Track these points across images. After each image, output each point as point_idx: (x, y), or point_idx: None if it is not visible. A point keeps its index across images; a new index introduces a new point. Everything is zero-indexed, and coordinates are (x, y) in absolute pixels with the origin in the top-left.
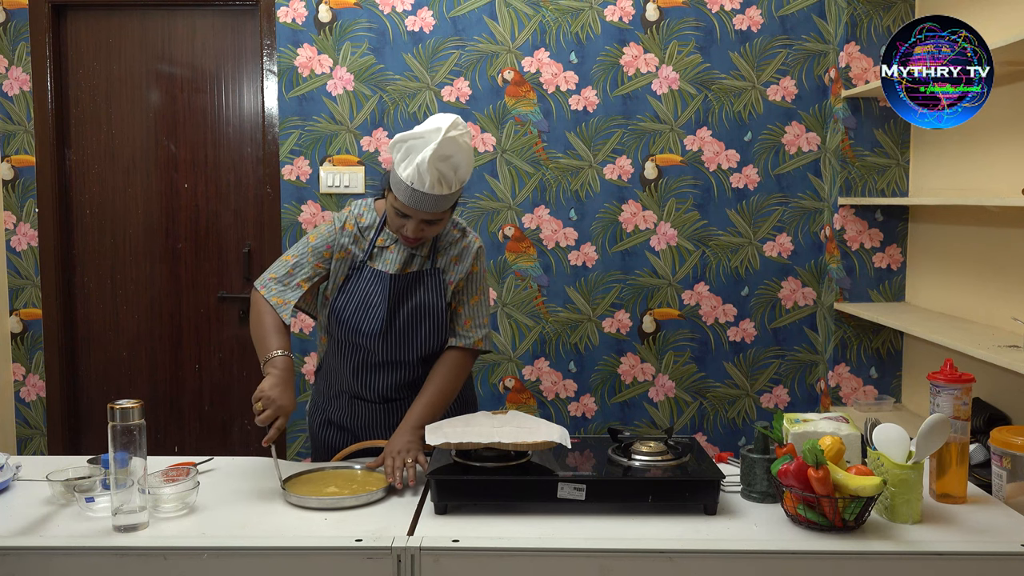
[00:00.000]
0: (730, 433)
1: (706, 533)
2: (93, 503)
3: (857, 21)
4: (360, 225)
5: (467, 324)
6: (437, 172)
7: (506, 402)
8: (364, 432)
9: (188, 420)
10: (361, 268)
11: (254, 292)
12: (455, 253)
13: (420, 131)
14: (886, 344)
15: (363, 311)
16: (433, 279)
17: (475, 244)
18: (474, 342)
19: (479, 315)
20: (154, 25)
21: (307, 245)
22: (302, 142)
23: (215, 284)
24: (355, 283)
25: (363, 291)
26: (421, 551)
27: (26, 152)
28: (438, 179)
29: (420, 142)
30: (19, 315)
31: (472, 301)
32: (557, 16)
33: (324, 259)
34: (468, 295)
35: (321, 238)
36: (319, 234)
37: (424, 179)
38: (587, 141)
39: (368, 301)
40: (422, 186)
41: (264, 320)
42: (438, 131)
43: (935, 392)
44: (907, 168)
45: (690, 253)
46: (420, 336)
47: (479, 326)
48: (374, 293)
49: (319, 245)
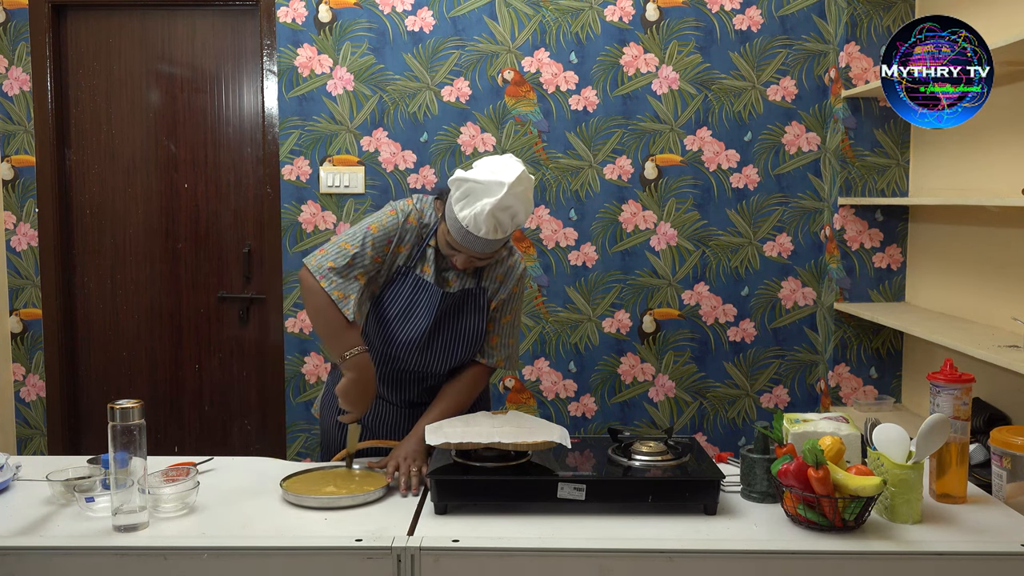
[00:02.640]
0: (730, 433)
1: (706, 533)
2: (93, 503)
3: (857, 21)
4: (422, 221)
5: (494, 342)
6: (495, 221)
7: (506, 402)
8: (384, 431)
9: (188, 420)
10: (407, 274)
11: (307, 275)
12: (501, 271)
13: (483, 178)
14: (886, 344)
15: (404, 321)
16: (478, 299)
17: (520, 266)
18: (496, 361)
19: (507, 335)
20: (154, 25)
21: (368, 236)
22: (302, 142)
23: (215, 284)
24: (400, 288)
25: (408, 300)
26: (421, 551)
27: (26, 152)
28: (494, 227)
29: (481, 188)
30: (19, 315)
31: (504, 320)
32: (557, 16)
33: (384, 253)
34: (502, 314)
35: (384, 230)
36: (381, 225)
37: (481, 227)
38: (587, 141)
39: (412, 312)
40: (477, 232)
41: (329, 316)
42: (502, 185)
43: (935, 392)
44: (907, 168)
45: (690, 253)
46: (457, 352)
47: (504, 346)
48: (420, 305)
49: (380, 237)
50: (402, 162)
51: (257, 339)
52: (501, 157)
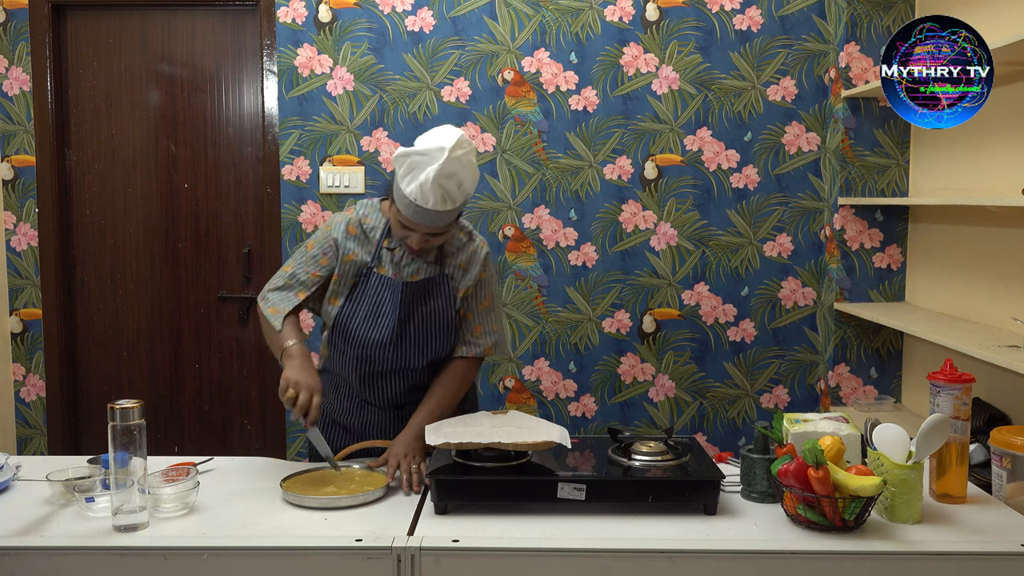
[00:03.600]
0: (730, 433)
1: (706, 533)
2: (93, 503)
3: (857, 21)
4: (365, 227)
5: (477, 331)
6: (441, 190)
7: (506, 402)
8: (373, 435)
9: (188, 420)
10: (368, 275)
11: (257, 306)
12: (463, 259)
13: (424, 148)
14: (886, 344)
15: (372, 321)
16: (442, 286)
17: (483, 250)
18: (484, 349)
19: (488, 321)
20: (154, 25)
21: (304, 255)
22: (302, 142)
23: (215, 284)
24: (363, 291)
25: (372, 299)
26: (421, 551)
27: (26, 152)
28: (442, 197)
29: (424, 159)
30: (19, 315)
31: (481, 307)
32: (557, 16)
33: (321, 267)
34: (477, 301)
35: (319, 246)
36: (317, 241)
37: (428, 197)
38: (587, 141)
39: (378, 311)
40: (426, 203)
41: (268, 329)
42: (442, 150)
43: (935, 392)
44: (907, 168)
45: (690, 253)
46: (431, 344)
47: (489, 332)
48: (384, 301)
49: (316, 253)
50: None
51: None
52: (439, 127)
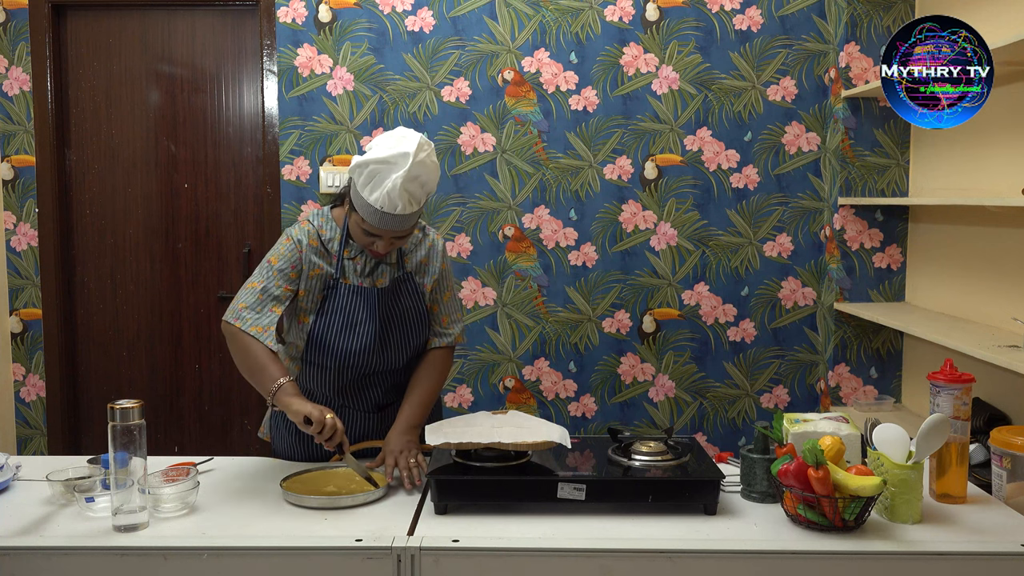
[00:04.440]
0: (730, 433)
1: (706, 533)
2: (93, 503)
3: (857, 21)
4: (323, 238)
5: (444, 321)
6: (407, 195)
7: (506, 402)
8: (358, 438)
9: (188, 420)
10: (336, 287)
11: (227, 327)
12: (422, 254)
13: (384, 155)
14: (886, 344)
15: (349, 331)
16: (409, 285)
17: (439, 242)
18: (454, 338)
19: (453, 311)
20: (154, 25)
21: (270, 268)
22: (302, 142)
23: (215, 284)
24: (334, 302)
25: (345, 309)
26: (421, 551)
27: (26, 152)
28: (409, 200)
29: (386, 167)
30: (19, 315)
31: (445, 298)
32: (557, 16)
33: (291, 280)
34: (441, 293)
35: (284, 259)
36: (280, 255)
37: (396, 203)
38: (587, 141)
39: (353, 320)
40: (393, 209)
41: (253, 351)
42: (406, 156)
43: (935, 392)
44: (907, 168)
45: (690, 253)
46: (411, 342)
47: (455, 321)
48: (359, 310)
49: (284, 267)
50: None
51: None
52: (394, 131)
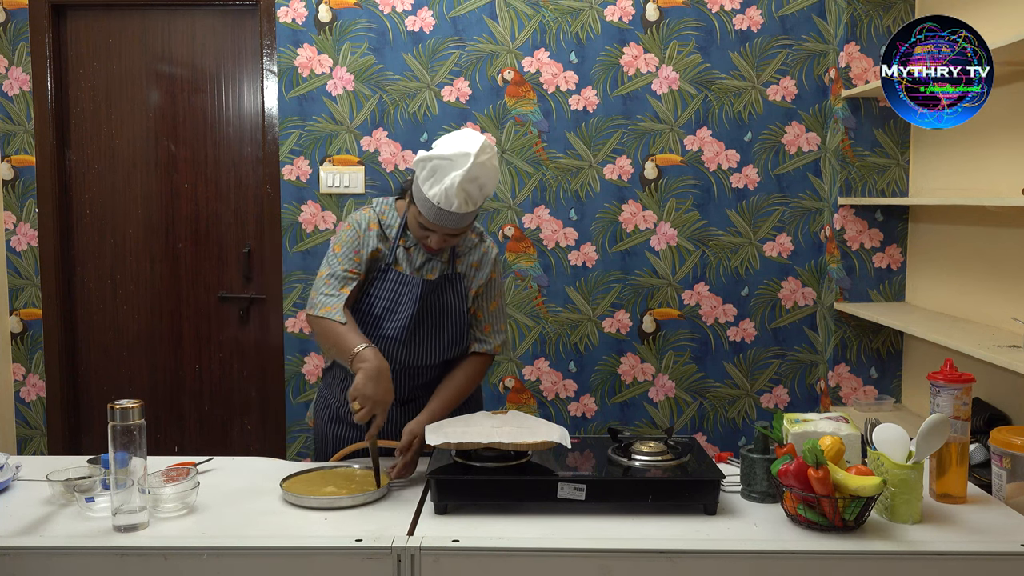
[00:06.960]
0: (730, 433)
1: (706, 533)
2: (93, 503)
3: (857, 21)
4: (383, 224)
5: (487, 330)
6: (464, 194)
7: (506, 402)
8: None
9: (188, 420)
10: (386, 271)
11: (307, 318)
12: (475, 259)
13: (448, 152)
14: (886, 344)
15: (389, 315)
16: (455, 284)
17: (493, 251)
18: (494, 347)
19: (497, 321)
20: (154, 25)
21: (334, 256)
22: (302, 142)
23: (215, 284)
24: (382, 286)
25: (390, 295)
26: (421, 551)
27: (26, 152)
28: (465, 200)
29: (448, 164)
30: (19, 315)
31: (491, 307)
32: (557, 16)
33: (355, 263)
34: (487, 301)
35: (347, 245)
36: (342, 241)
37: (452, 201)
38: (587, 141)
39: (396, 306)
40: (449, 206)
41: (328, 330)
42: (467, 156)
43: (935, 392)
44: (907, 168)
45: (690, 253)
46: (444, 342)
47: (497, 332)
48: (402, 297)
49: (347, 252)
50: (402, 162)
51: (257, 339)
52: (461, 131)
